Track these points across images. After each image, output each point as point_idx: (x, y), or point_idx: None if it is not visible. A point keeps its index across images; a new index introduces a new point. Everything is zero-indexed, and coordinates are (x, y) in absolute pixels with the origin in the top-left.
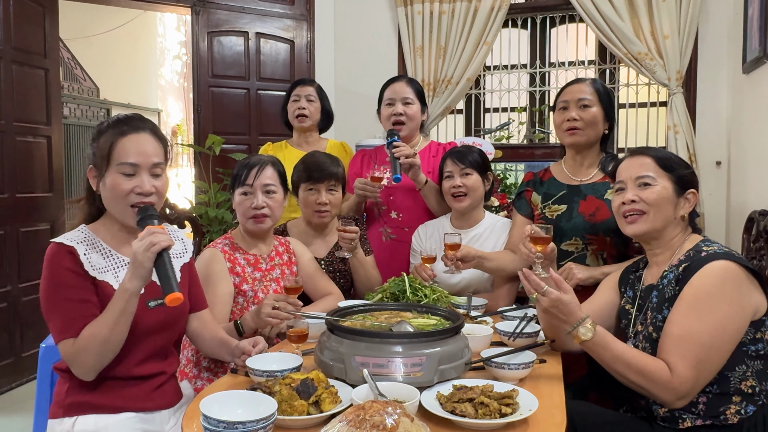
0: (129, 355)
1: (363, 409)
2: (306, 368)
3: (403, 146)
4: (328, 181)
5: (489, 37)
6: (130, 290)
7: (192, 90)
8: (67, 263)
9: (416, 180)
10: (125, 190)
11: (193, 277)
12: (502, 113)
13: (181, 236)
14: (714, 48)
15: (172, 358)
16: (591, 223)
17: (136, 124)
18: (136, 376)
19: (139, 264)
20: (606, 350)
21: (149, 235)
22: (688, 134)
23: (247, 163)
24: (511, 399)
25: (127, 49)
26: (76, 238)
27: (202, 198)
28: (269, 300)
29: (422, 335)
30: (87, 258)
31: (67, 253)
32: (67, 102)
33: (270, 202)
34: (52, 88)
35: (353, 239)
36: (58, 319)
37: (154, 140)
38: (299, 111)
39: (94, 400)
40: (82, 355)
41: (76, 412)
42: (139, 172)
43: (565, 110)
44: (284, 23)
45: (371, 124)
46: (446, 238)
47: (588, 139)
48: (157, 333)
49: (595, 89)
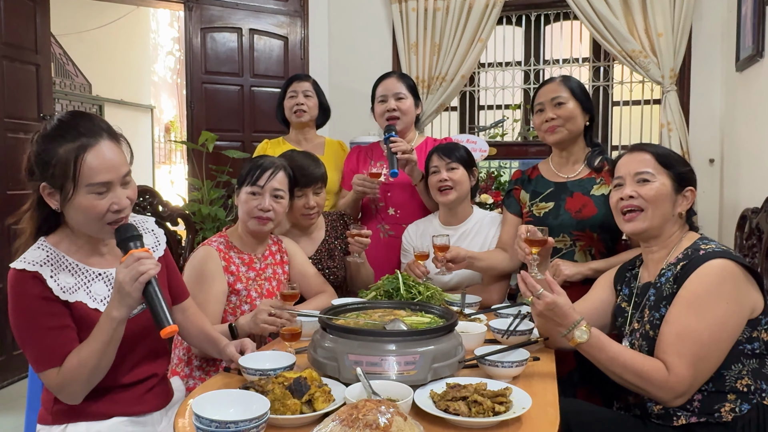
0: (120, 365)
1: (356, 408)
2: (299, 367)
3: (400, 141)
4: (314, 185)
5: (483, 34)
6: (117, 319)
7: (185, 86)
8: (34, 290)
9: (413, 175)
10: (101, 211)
11: (171, 268)
12: (496, 110)
13: (152, 227)
14: (707, 46)
15: (163, 358)
16: (578, 220)
17: (90, 130)
18: (127, 383)
19: (126, 294)
20: (602, 352)
21: (135, 262)
22: (682, 132)
23: (262, 164)
24: (504, 397)
25: (120, 45)
26: (38, 258)
27: (195, 195)
28: (265, 306)
29: (416, 333)
30: (55, 281)
31: (32, 279)
32: (59, 98)
33: (276, 207)
34: (44, 84)
35: (367, 244)
36: (35, 350)
37: (114, 146)
38: (297, 107)
39: (84, 407)
40: (70, 386)
41: (65, 420)
42: (113, 188)
43: (542, 112)
44: (278, 19)
45: (365, 121)
46: (434, 240)
47: (570, 134)
48: (144, 336)
49: (567, 86)
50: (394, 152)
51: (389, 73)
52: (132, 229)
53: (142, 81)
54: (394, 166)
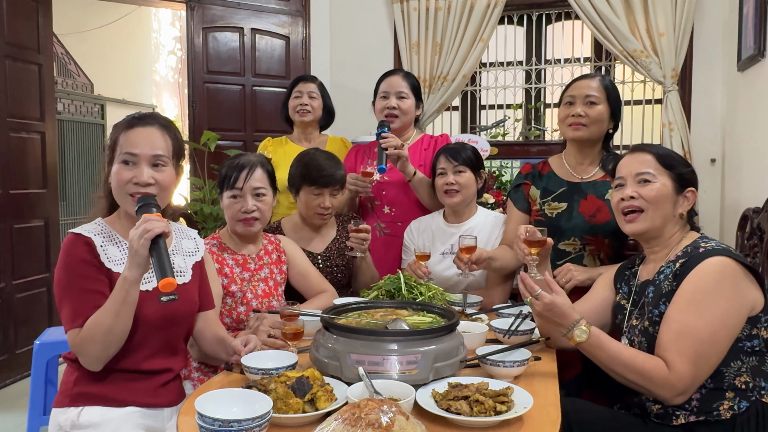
0: (137, 349)
1: (358, 407)
2: (301, 366)
3: (391, 137)
4: (333, 186)
5: (485, 34)
6: (129, 279)
7: (187, 86)
8: (83, 254)
9: (405, 171)
10: (124, 180)
11: (204, 276)
12: (497, 110)
13: (193, 235)
14: (709, 46)
15: (180, 356)
16: (591, 225)
17: (147, 120)
18: (143, 371)
19: (135, 252)
20: (602, 351)
21: (144, 223)
22: (683, 132)
23: (237, 164)
24: (506, 396)
25: (122, 44)
26: (94, 230)
27: (197, 195)
28: (265, 327)
29: (418, 333)
30: (103, 249)
31: (83, 244)
32: (60, 98)
33: (260, 206)
34: (46, 84)
35: (367, 239)
36: (68, 308)
37: (161, 133)
38: (301, 107)
39: (102, 391)
40: (87, 345)
41: (82, 402)
42: (139, 163)
43: (571, 105)
44: (280, 19)
45: (366, 121)
46: (461, 242)
47: (591, 136)
48: (165, 328)
49: (603, 86)
50: (384, 148)
51: (394, 71)
52: (150, 199)
53: (144, 80)
54: (382, 162)
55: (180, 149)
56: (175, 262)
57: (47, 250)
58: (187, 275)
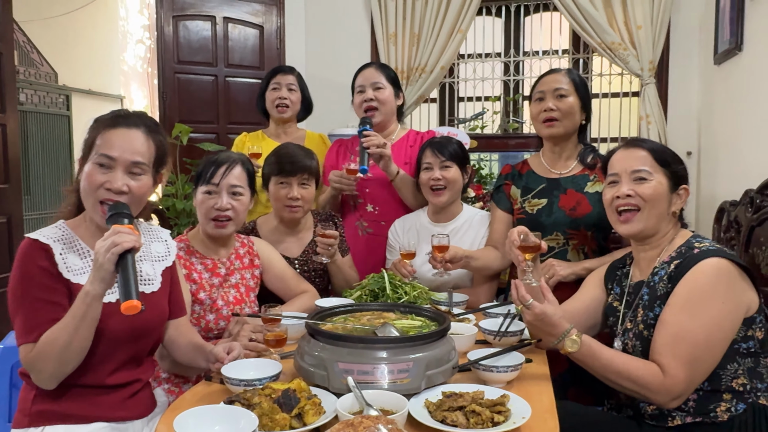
0: (102, 364)
1: (352, 425)
2: (285, 373)
3: (373, 136)
4: (300, 175)
5: (463, 25)
6: (91, 294)
7: (157, 76)
8: (39, 261)
9: (387, 171)
10: (96, 183)
11: (175, 281)
12: (476, 102)
13: (165, 237)
14: (686, 39)
15: (147, 365)
16: (572, 218)
17: (133, 120)
18: (108, 385)
19: (100, 265)
20: (594, 359)
21: (113, 235)
22: (660, 124)
23: (216, 159)
24: (503, 406)
25: (88, 32)
26: (53, 235)
27: (169, 189)
28: (246, 332)
29: (408, 339)
30: (63, 258)
31: (41, 250)
32: (23, 88)
33: (235, 204)
34: (7, 73)
35: (332, 245)
36: (21, 320)
37: (145, 138)
38: (280, 101)
39: (64, 409)
40: (41, 361)
41: (43, 422)
42: (115, 167)
43: (542, 101)
44: (253, 8)
45: (344, 112)
46: (434, 240)
47: (566, 130)
48: (132, 341)
49: (571, 79)
50: (365, 147)
51: (368, 64)
52: (122, 207)
53: (111, 70)
54: (364, 163)
55: (163, 156)
56: (142, 270)
57: (10, 247)
58: (156, 283)
